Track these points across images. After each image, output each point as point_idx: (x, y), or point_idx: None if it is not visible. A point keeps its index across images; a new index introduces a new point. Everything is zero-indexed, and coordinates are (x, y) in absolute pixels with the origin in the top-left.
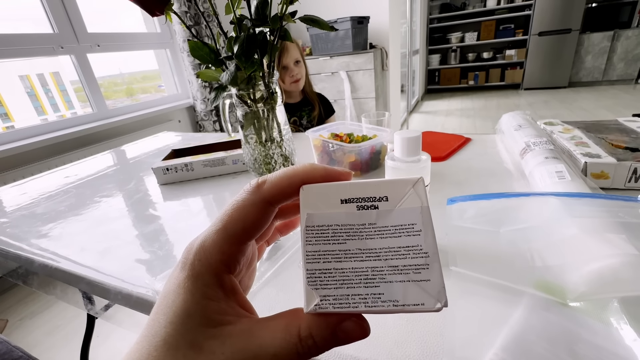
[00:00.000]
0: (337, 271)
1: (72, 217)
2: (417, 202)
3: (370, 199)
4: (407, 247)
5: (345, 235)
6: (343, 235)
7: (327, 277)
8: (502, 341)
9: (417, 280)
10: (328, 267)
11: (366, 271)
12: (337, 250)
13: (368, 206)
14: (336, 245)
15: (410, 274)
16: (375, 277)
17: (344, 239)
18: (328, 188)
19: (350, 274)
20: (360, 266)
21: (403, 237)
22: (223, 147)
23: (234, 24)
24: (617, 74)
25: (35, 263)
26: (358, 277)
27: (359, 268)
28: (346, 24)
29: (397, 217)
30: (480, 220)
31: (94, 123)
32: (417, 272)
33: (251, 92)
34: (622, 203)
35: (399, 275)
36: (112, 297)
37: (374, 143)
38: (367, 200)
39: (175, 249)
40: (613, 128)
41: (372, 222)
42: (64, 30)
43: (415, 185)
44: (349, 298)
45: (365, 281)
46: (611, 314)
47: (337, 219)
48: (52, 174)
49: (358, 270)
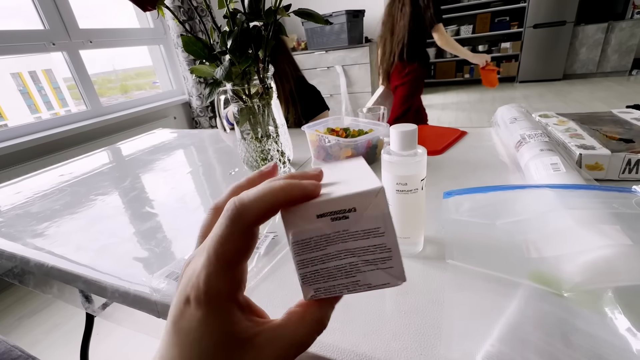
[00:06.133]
0: (323, 270)
1: (68, 216)
2: (379, 210)
3: (341, 212)
4: (374, 246)
5: (325, 243)
6: (323, 243)
7: (316, 275)
8: (498, 332)
9: (383, 268)
10: (316, 269)
11: (345, 266)
12: (321, 255)
13: (340, 217)
14: (319, 251)
15: (378, 264)
16: (352, 270)
17: (324, 246)
18: (305, 208)
19: (334, 270)
20: (340, 263)
21: (371, 239)
22: None
23: (227, 18)
24: (611, 66)
25: (30, 262)
26: (339, 271)
27: (340, 265)
28: (341, 17)
29: (364, 223)
30: (476, 213)
31: (88, 121)
32: (383, 263)
33: (246, 88)
34: (616, 194)
35: (370, 266)
36: (109, 295)
37: (370, 137)
38: (338, 212)
39: (172, 246)
40: (607, 120)
41: (345, 229)
42: (55, 26)
43: (377, 196)
44: (335, 287)
45: (345, 274)
46: (605, 304)
47: (316, 232)
48: (47, 173)
49: (339, 266)
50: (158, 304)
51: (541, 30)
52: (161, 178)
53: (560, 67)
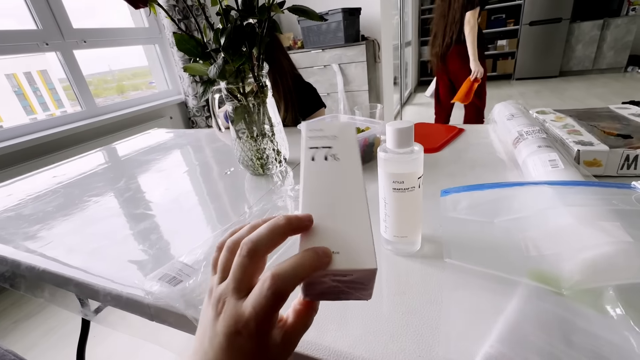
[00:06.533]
0: (318, 290)
1: (61, 218)
2: (369, 279)
3: (340, 275)
4: (358, 286)
5: (324, 283)
6: (323, 282)
7: (313, 292)
8: (497, 333)
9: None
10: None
11: (334, 290)
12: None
13: (339, 276)
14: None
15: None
16: (338, 292)
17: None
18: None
19: (326, 291)
20: (332, 290)
21: (357, 284)
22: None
23: (220, 15)
24: (607, 62)
25: (22, 266)
26: (330, 292)
27: (330, 290)
28: (337, 15)
29: (356, 279)
30: (474, 211)
31: (83, 121)
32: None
33: (240, 86)
34: (615, 190)
35: (351, 290)
36: (101, 298)
37: (366, 135)
38: (338, 275)
39: (167, 247)
40: (605, 115)
41: (340, 278)
42: (48, 26)
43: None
44: (324, 297)
45: (334, 294)
46: (606, 302)
47: (320, 277)
48: (40, 174)
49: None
50: (151, 307)
51: (537, 27)
52: (156, 178)
53: (557, 64)
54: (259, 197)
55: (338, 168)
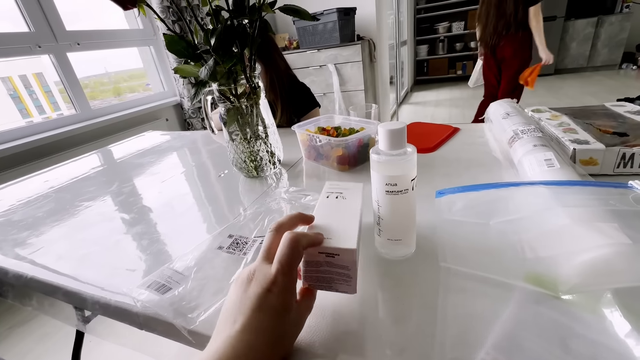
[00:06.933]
0: (315, 276)
1: (51, 224)
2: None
3: (330, 254)
4: (343, 273)
5: (319, 265)
6: (318, 264)
7: (312, 278)
8: (493, 339)
9: (347, 283)
10: (312, 275)
11: (327, 277)
12: (316, 269)
13: (330, 255)
14: (315, 267)
15: (344, 281)
16: (330, 279)
17: (319, 266)
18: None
19: (321, 278)
20: (325, 276)
21: (342, 269)
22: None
23: (210, 15)
24: (601, 60)
25: (9, 273)
26: (324, 279)
27: (325, 276)
28: (332, 15)
29: (341, 262)
30: (470, 212)
31: (78, 124)
32: (347, 281)
33: (233, 87)
34: (612, 190)
35: (340, 280)
36: (89, 306)
37: (361, 136)
38: (329, 254)
39: (158, 253)
40: (600, 113)
41: (330, 261)
42: (40, 28)
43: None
44: (320, 285)
45: (326, 281)
46: (605, 306)
47: (316, 258)
48: (31, 179)
49: (324, 277)
50: (140, 316)
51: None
52: (149, 182)
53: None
54: (252, 200)
55: (343, 203)
